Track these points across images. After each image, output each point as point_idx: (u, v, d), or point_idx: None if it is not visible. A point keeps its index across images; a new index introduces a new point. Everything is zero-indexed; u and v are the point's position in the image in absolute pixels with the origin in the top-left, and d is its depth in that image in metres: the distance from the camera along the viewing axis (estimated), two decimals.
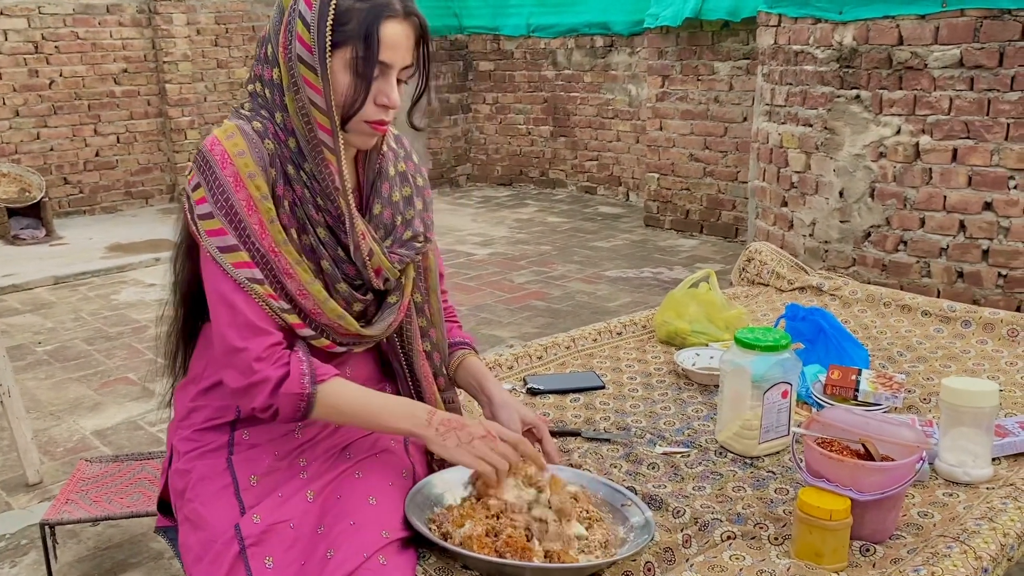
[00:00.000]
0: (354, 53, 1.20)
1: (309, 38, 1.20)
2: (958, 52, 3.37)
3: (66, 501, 2.15)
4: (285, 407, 1.22)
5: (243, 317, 1.21)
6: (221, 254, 1.20)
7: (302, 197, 1.25)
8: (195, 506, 1.26)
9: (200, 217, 1.21)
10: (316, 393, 1.23)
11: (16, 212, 6.12)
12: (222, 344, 1.22)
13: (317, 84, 1.21)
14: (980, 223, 3.44)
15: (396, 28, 1.21)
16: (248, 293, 1.21)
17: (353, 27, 1.19)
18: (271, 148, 1.23)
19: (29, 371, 3.70)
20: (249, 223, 1.20)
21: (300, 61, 1.21)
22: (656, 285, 4.84)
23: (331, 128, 1.22)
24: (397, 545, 1.20)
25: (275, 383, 1.21)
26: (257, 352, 1.21)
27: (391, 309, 1.37)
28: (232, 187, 1.19)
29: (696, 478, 1.54)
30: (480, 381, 1.50)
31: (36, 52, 6.58)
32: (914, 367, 2.02)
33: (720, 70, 5.80)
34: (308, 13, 1.20)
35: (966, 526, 1.32)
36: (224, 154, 1.20)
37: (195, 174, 1.22)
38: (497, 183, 8.26)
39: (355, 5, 1.19)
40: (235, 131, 1.22)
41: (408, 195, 1.39)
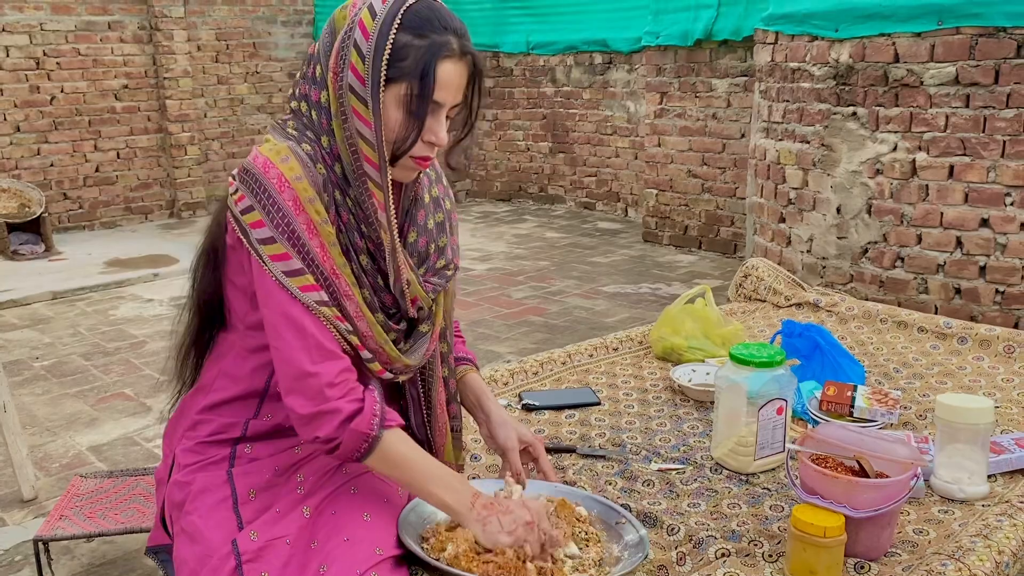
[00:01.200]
0: (408, 91, 1.18)
1: (363, 70, 1.17)
2: (954, 70, 3.39)
3: (60, 517, 2.14)
4: (348, 443, 1.20)
5: (314, 340, 1.19)
6: (287, 278, 1.18)
7: (347, 224, 1.24)
8: (193, 519, 1.25)
9: (261, 242, 1.18)
10: (380, 438, 1.21)
11: (16, 227, 6.13)
12: (290, 369, 1.19)
13: (368, 118, 1.18)
14: (977, 239, 3.44)
15: (452, 68, 1.19)
16: (317, 316, 1.19)
17: (409, 64, 1.17)
18: (323, 173, 1.21)
19: (26, 386, 3.69)
20: (311, 247, 1.18)
21: (351, 91, 1.18)
22: (654, 301, 4.84)
23: (378, 163, 1.20)
24: (390, 562, 1.19)
25: (346, 416, 1.18)
26: (330, 378, 1.18)
27: (424, 339, 1.36)
28: (292, 211, 1.17)
29: (691, 495, 1.53)
30: (479, 398, 1.50)
31: (38, 68, 6.61)
32: (910, 383, 2.02)
33: (718, 87, 5.83)
34: (364, 44, 1.17)
35: (961, 543, 1.32)
36: (281, 177, 1.17)
37: (245, 196, 1.19)
38: (496, 199, 8.28)
39: (413, 42, 1.17)
40: (288, 154, 1.19)
41: (441, 221, 1.38)
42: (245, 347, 1.31)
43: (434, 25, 1.18)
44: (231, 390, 1.32)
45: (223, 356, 1.34)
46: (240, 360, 1.31)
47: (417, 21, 1.17)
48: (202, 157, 7.51)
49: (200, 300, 1.36)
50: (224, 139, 7.71)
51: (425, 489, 1.24)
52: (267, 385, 1.31)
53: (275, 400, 1.31)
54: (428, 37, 1.17)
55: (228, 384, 1.32)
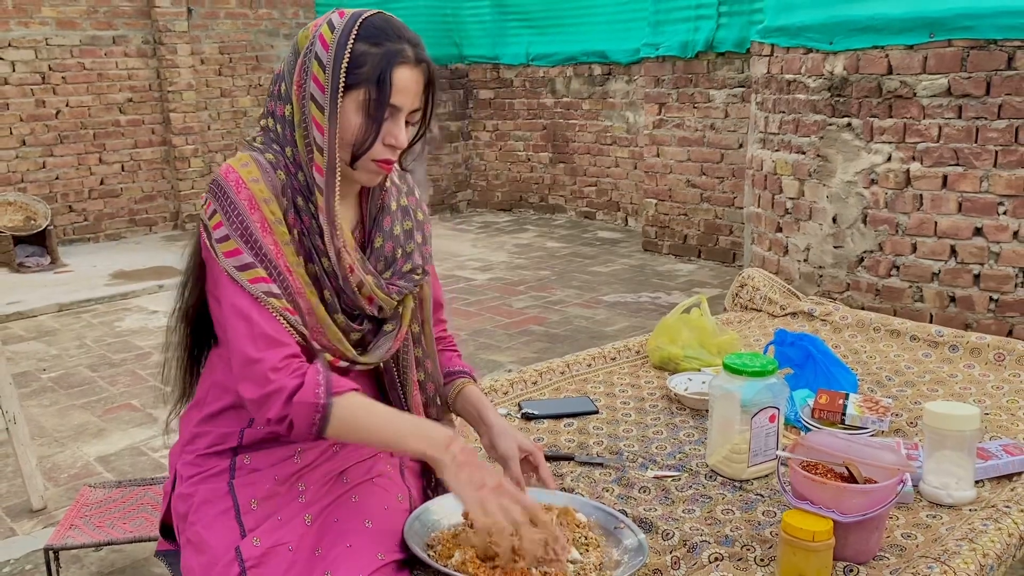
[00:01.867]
0: (367, 96, 1.26)
1: (323, 78, 1.25)
2: (946, 81, 3.44)
3: (70, 526, 2.19)
4: (299, 417, 1.23)
5: (259, 329, 1.24)
6: (238, 272, 1.24)
7: (309, 228, 1.31)
8: (197, 529, 1.29)
9: (217, 241, 1.25)
10: (331, 405, 1.23)
11: (22, 240, 6.19)
12: (239, 356, 1.25)
13: (323, 123, 1.26)
14: (971, 248, 3.49)
15: (407, 74, 1.27)
16: (265, 307, 1.25)
17: (367, 71, 1.25)
18: (282, 179, 1.29)
19: (34, 398, 3.74)
20: (264, 243, 1.25)
21: (312, 100, 1.26)
22: (654, 310, 4.88)
23: (324, 168, 1.28)
24: (392, 567, 1.23)
25: (290, 392, 1.22)
26: (273, 362, 1.23)
27: (387, 337, 1.41)
28: (247, 209, 1.24)
29: (686, 501, 1.57)
30: (479, 410, 1.54)
31: (43, 83, 6.68)
32: (902, 391, 2.06)
33: (716, 98, 5.88)
34: (324, 55, 1.25)
35: (947, 547, 1.35)
36: (239, 180, 1.25)
37: (211, 202, 1.27)
38: (497, 209, 8.33)
39: (369, 50, 1.25)
40: (249, 160, 1.28)
41: (409, 229, 1.44)
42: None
43: (389, 35, 1.27)
44: (223, 400, 1.37)
45: (214, 369, 1.39)
46: (228, 369, 1.35)
47: (373, 31, 1.26)
48: (205, 169, 7.57)
49: (188, 318, 1.41)
50: (227, 151, 7.77)
51: (397, 442, 1.27)
52: None
53: None
54: (384, 45, 1.26)
55: (220, 394, 1.37)
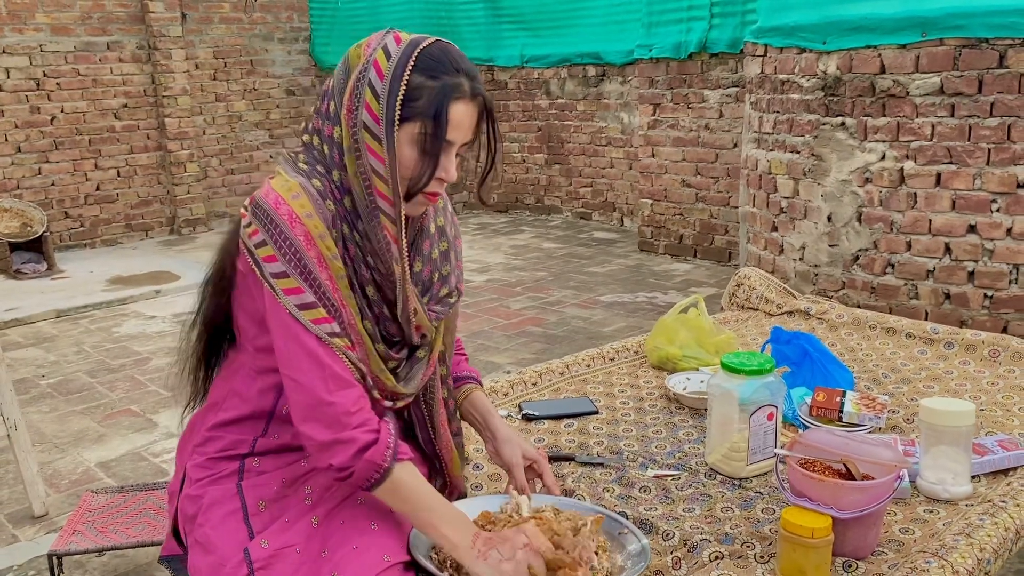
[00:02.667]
0: (422, 130, 1.23)
1: (378, 109, 1.21)
2: (938, 80, 3.46)
3: (73, 532, 2.20)
4: (361, 472, 1.24)
5: (330, 370, 1.23)
6: (300, 311, 1.22)
7: (354, 256, 1.28)
8: (205, 530, 1.31)
9: (274, 276, 1.22)
10: (392, 470, 1.25)
11: (18, 246, 6.19)
12: (307, 398, 1.23)
13: (382, 154, 1.23)
14: (965, 246, 3.51)
15: (463, 109, 1.25)
16: (330, 347, 1.24)
17: (423, 105, 1.22)
18: (331, 208, 1.25)
19: (33, 404, 3.74)
20: (322, 280, 1.23)
21: (365, 129, 1.23)
22: (651, 309, 4.90)
23: (392, 197, 1.25)
24: (398, 568, 1.25)
25: (361, 446, 1.23)
26: (347, 406, 1.23)
27: (420, 364, 1.40)
28: (304, 247, 1.21)
29: (686, 500, 1.59)
30: (485, 417, 1.55)
31: (38, 89, 6.69)
32: (898, 388, 2.08)
33: (710, 98, 5.91)
34: (379, 84, 1.22)
35: (945, 542, 1.37)
36: (292, 214, 1.21)
37: (259, 231, 1.23)
38: (493, 210, 8.35)
39: (426, 83, 1.22)
40: (300, 191, 1.23)
41: (445, 250, 1.43)
42: (254, 368, 1.36)
43: (446, 67, 1.23)
44: (240, 409, 1.37)
45: (233, 375, 1.39)
46: (249, 380, 1.36)
47: (430, 63, 1.23)
48: (201, 174, 7.58)
49: (208, 320, 1.40)
50: (223, 156, 7.79)
51: (430, 523, 1.27)
52: (275, 406, 1.36)
53: (283, 421, 1.36)
54: (440, 79, 1.23)
55: (238, 403, 1.37)
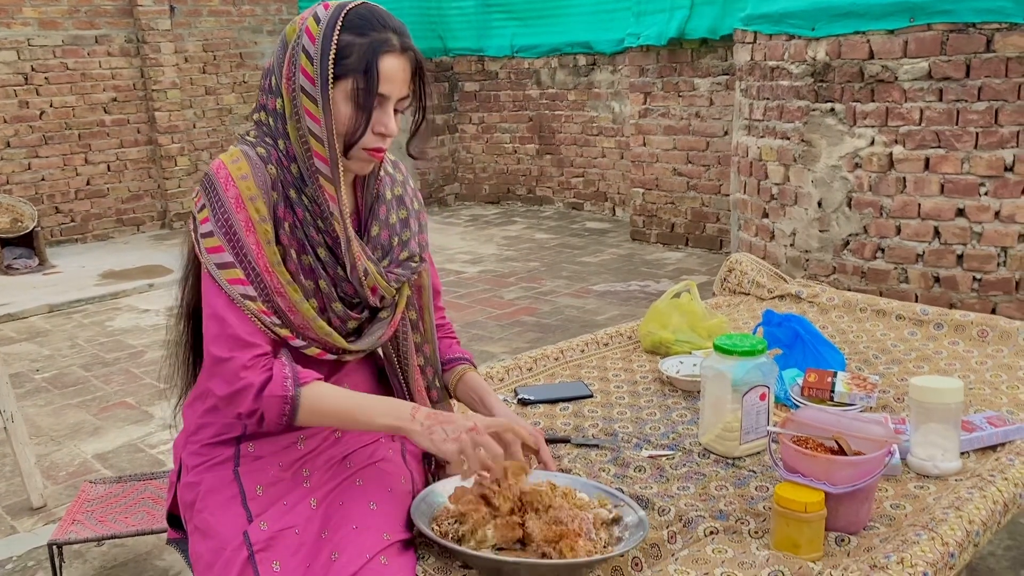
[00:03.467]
0: (355, 85, 1.28)
1: (312, 71, 1.28)
2: (926, 65, 3.49)
3: (72, 522, 2.21)
4: (270, 410, 1.28)
5: (232, 331, 1.27)
6: (218, 270, 1.27)
7: (303, 220, 1.33)
8: (204, 516, 1.32)
9: (202, 235, 1.28)
10: (299, 395, 1.28)
11: (9, 242, 6.17)
12: (209, 355, 1.29)
13: (317, 114, 1.28)
14: (954, 229, 3.54)
15: (394, 62, 1.30)
16: (241, 309, 1.28)
17: (353, 61, 1.27)
18: (273, 173, 1.31)
19: (28, 398, 3.74)
20: (246, 242, 1.27)
21: (303, 92, 1.29)
22: (643, 298, 4.93)
23: (328, 157, 1.30)
24: (398, 546, 1.27)
25: (258, 387, 1.27)
26: (243, 361, 1.27)
27: (380, 324, 1.44)
28: (233, 208, 1.27)
29: (681, 479, 1.61)
30: (480, 395, 1.57)
31: (26, 83, 6.65)
32: (889, 369, 2.11)
33: (700, 86, 5.93)
34: (311, 47, 1.28)
35: (934, 515, 1.40)
36: (228, 177, 1.28)
37: (201, 196, 1.30)
38: (485, 201, 8.35)
39: (355, 40, 1.28)
40: (240, 156, 1.30)
41: (404, 217, 1.48)
42: None
43: (373, 24, 1.29)
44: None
45: None
46: None
47: (358, 21, 1.29)
48: (192, 167, 7.56)
49: (188, 312, 1.44)
50: (213, 149, 7.76)
51: (365, 422, 1.32)
52: None
53: None
54: (368, 35, 1.28)
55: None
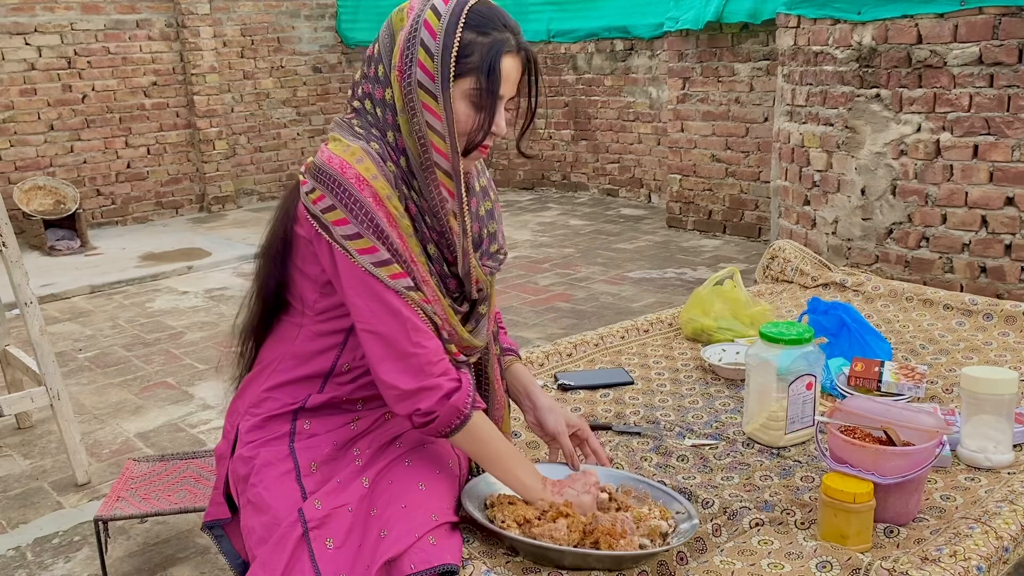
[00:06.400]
0: (476, 85, 1.27)
1: (432, 66, 1.25)
2: (977, 50, 3.40)
3: (117, 499, 2.25)
4: (444, 418, 1.29)
5: (411, 323, 1.27)
6: (377, 268, 1.26)
7: (414, 215, 1.32)
8: (259, 490, 1.34)
9: (346, 238, 1.26)
10: (472, 417, 1.31)
11: (52, 224, 6.29)
12: (391, 350, 1.28)
13: (438, 111, 1.26)
14: (1002, 218, 3.46)
15: (511, 63, 1.29)
16: (407, 300, 1.28)
17: (475, 60, 1.26)
18: (393, 170, 1.29)
19: (72, 377, 3.82)
20: (394, 238, 1.27)
21: (420, 87, 1.26)
22: (680, 285, 4.89)
23: (448, 153, 1.29)
24: (446, 528, 1.27)
25: (446, 392, 1.28)
26: (429, 355, 1.28)
27: (484, 319, 1.44)
28: (374, 208, 1.25)
29: (724, 469, 1.60)
30: (526, 387, 1.58)
31: (69, 67, 6.75)
32: (936, 359, 2.07)
33: (740, 71, 5.84)
34: (432, 43, 1.25)
35: (987, 508, 1.37)
36: (359, 177, 1.25)
37: (324, 196, 1.26)
38: (519, 187, 8.33)
39: (477, 39, 1.26)
40: (363, 155, 1.27)
41: (490, 209, 1.47)
42: (314, 331, 1.39)
43: (495, 23, 1.28)
44: (298, 370, 1.40)
45: (290, 339, 1.42)
46: (309, 342, 1.39)
47: (480, 20, 1.27)
48: (230, 151, 7.63)
49: (266, 287, 1.43)
50: (251, 133, 7.83)
51: (504, 468, 1.35)
52: (334, 365, 1.39)
53: (338, 378, 1.40)
54: (490, 35, 1.27)
55: (295, 365, 1.40)
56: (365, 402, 1.43)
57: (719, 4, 5.65)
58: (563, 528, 1.27)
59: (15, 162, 6.59)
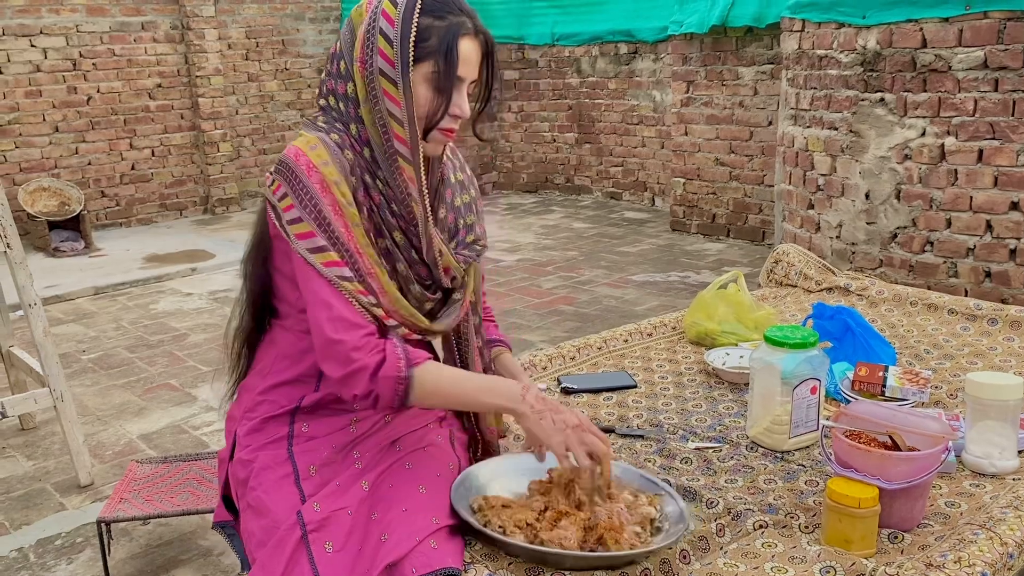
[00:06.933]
0: (435, 68, 1.30)
1: (392, 53, 1.28)
2: (982, 54, 3.40)
3: (120, 500, 2.25)
4: (385, 391, 1.29)
5: (337, 312, 1.28)
6: (311, 255, 1.28)
7: (379, 204, 1.34)
8: (258, 494, 1.34)
9: (289, 223, 1.29)
10: (413, 376, 1.30)
11: (56, 225, 6.29)
12: (320, 338, 1.29)
13: (398, 97, 1.29)
14: (1007, 223, 3.46)
15: (469, 45, 1.32)
16: (339, 290, 1.29)
17: (433, 44, 1.29)
18: (350, 158, 1.31)
19: (75, 378, 3.82)
20: (336, 225, 1.28)
21: (381, 74, 1.29)
22: (684, 289, 4.88)
23: (408, 138, 1.31)
24: (446, 531, 1.27)
25: (373, 369, 1.28)
26: (353, 343, 1.28)
27: (455, 305, 1.46)
28: (319, 193, 1.27)
29: (728, 471, 1.59)
30: (514, 376, 1.59)
31: (75, 69, 6.76)
32: (941, 364, 2.06)
33: (744, 75, 5.84)
34: (390, 30, 1.28)
35: (992, 514, 1.37)
36: (309, 163, 1.28)
37: (280, 184, 1.30)
38: (523, 190, 8.33)
39: (434, 23, 1.29)
40: (317, 142, 1.30)
41: (467, 202, 1.49)
42: (300, 330, 1.40)
43: (451, 7, 1.31)
44: (290, 371, 1.41)
45: (279, 342, 1.43)
46: (297, 341, 1.41)
47: (436, 5, 1.30)
48: (234, 154, 7.64)
49: (253, 292, 1.44)
50: (255, 135, 7.84)
51: (478, 401, 1.37)
52: None
53: None
54: (447, 18, 1.30)
55: (287, 366, 1.41)
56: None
57: (724, 8, 5.65)
58: (572, 533, 1.26)
59: (20, 163, 6.60)
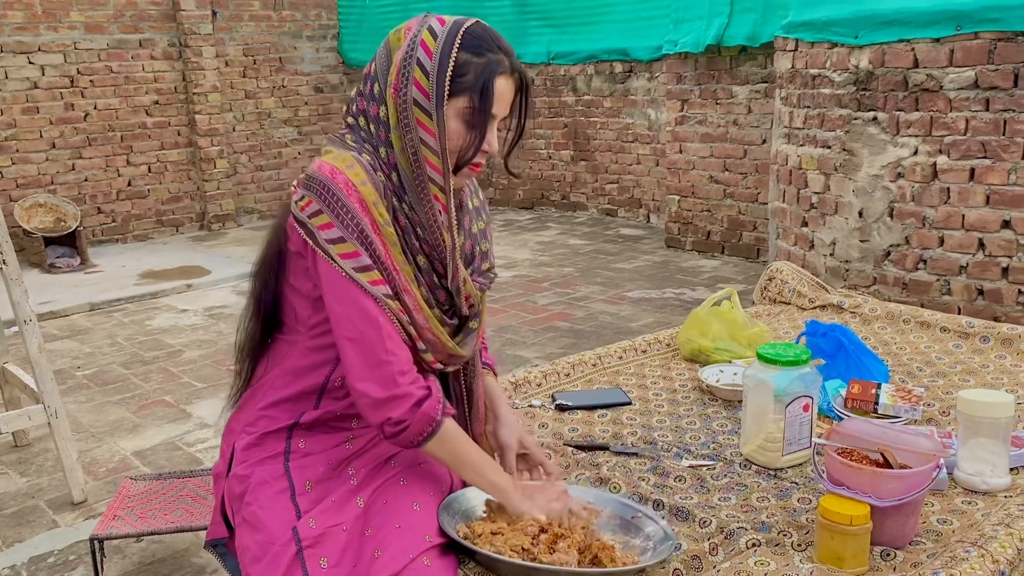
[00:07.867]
0: (469, 104, 1.30)
1: (427, 85, 1.29)
2: (973, 74, 3.43)
3: (113, 517, 2.24)
4: (415, 426, 1.30)
5: (386, 330, 1.29)
6: (358, 273, 1.28)
7: (404, 228, 1.35)
8: (254, 509, 1.34)
9: (330, 241, 1.28)
10: (442, 424, 1.32)
11: (52, 241, 6.30)
12: (364, 358, 1.29)
13: (432, 128, 1.29)
14: (999, 241, 3.48)
15: (505, 83, 1.33)
16: (384, 308, 1.30)
17: (470, 80, 1.30)
18: (381, 180, 1.32)
19: (70, 395, 3.81)
20: (377, 245, 1.29)
21: (415, 104, 1.29)
22: (679, 305, 4.90)
23: (442, 169, 1.32)
24: (440, 549, 1.27)
25: (416, 400, 1.30)
26: (400, 365, 1.29)
27: (473, 334, 1.47)
28: (360, 212, 1.27)
29: (722, 489, 1.60)
30: (493, 400, 1.60)
31: (72, 86, 6.79)
32: (933, 381, 2.07)
33: (738, 94, 5.88)
34: (427, 62, 1.29)
35: (984, 532, 1.37)
36: (348, 182, 1.28)
37: (312, 201, 1.29)
38: (519, 207, 8.36)
39: (472, 59, 1.30)
40: (353, 162, 1.30)
41: (482, 228, 1.50)
42: (308, 347, 1.40)
43: (489, 45, 1.31)
44: (293, 387, 1.41)
45: (284, 357, 1.43)
46: (302, 358, 1.41)
47: (475, 41, 1.30)
48: (231, 170, 7.66)
49: (261, 305, 1.44)
50: (252, 152, 7.86)
51: (477, 473, 1.37)
52: (327, 380, 1.40)
53: (332, 394, 1.41)
54: (485, 56, 1.30)
55: (290, 381, 1.41)
56: (359, 419, 1.43)
57: (719, 28, 5.70)
58: (572, 557, 1.27)
59: (16, 179, 6.61)
